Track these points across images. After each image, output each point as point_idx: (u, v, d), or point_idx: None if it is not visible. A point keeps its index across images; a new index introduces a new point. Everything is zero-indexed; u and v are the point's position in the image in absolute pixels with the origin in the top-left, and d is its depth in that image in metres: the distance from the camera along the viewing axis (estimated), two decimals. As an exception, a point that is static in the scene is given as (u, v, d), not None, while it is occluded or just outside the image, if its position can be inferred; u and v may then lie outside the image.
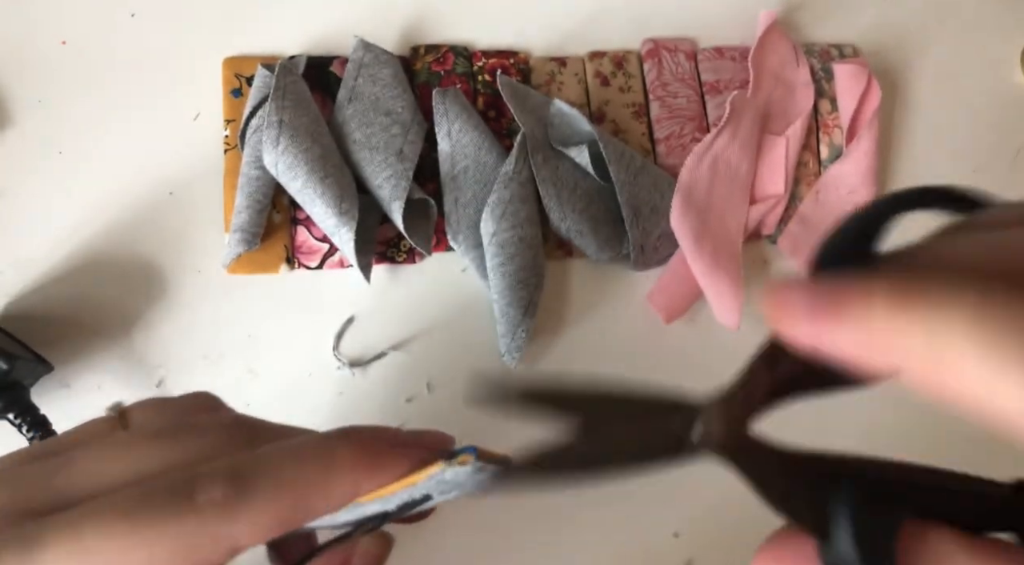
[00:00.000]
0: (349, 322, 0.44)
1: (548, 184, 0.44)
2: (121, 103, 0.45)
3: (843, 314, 0.13)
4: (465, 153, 0.44)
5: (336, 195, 0.40)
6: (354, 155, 0.43)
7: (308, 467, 0.20)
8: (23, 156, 0.43)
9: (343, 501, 0.21)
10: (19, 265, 0.42)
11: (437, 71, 0.47)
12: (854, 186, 0.49)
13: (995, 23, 0.56)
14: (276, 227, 0.44)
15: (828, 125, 0.50)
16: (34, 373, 0.39)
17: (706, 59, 0.50)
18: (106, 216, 0.43)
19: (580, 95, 0.48)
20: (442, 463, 0.19)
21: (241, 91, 0.45)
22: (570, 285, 0.46)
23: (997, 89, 0.55)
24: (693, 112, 0.49)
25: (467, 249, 0.44)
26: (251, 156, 0.42)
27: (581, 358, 0.45)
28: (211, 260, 0.43)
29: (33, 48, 0.45)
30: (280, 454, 0.21)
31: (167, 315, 0.43)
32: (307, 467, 0.20)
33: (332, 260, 0.44)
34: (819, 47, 0.52)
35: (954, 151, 0.53)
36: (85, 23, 0.45)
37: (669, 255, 0.47)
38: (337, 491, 0.20)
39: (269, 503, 0.20)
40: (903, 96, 0.54)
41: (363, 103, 0.44)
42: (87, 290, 0.42)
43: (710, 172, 0.46)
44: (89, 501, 0.19)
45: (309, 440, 0.22)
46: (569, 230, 0.44)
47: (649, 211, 0.45)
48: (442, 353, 0.44)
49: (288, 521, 0.20)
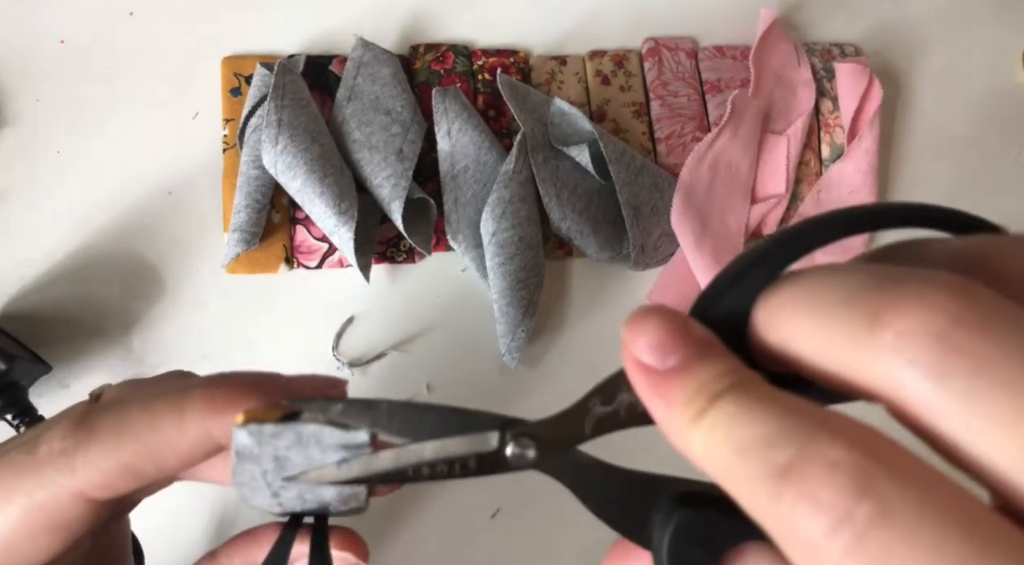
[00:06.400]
0: (349, 322, 0.44)
1: (548, 184, 0.44)
2: (120, 102, 0.44)
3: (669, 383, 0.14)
4: (465, 152, 0.44)
5: (335, 195, 0.40)
6: (353, 154, 0.43)
7: (156, 410, 0.20)
8: (21, 156, 0.43)
9: (194, 446, 0.20)
10: (17, 265, 0.42)
11: (437, 70, 0.47)
12: (855, 185, 0.49)
13: (996, 22, 0.56)
14: (275, 227, 0.43)
15: (829, 124, 0.50)
16: (32, 373, 0.39)
17: (707, 58, 0.50)
18: (105, 216, 0.43)
19: (580, 94, 0.48)
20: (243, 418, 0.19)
21: (240, 90, 0.45)
22: (570, 285, 0.46)
23: (998, 88, 0.55)
24: (694, 111, 0.49)
25: (467, 249, 0.44)
26: (250, 155, 0.42)
27: (581, 358, 0.45)
28: (210, 260, 0.43)
29: (31, 47, 0.44)
30: (133, 400, 0.20)
31: (166, 315, 0.42)
32: (155, 411, 0.20)
33: (331, 260, 0.44)
34: (820, 46, 0.52)
35: (955, 151, 0.53)
36: (84, 22, 0.45)
37: (669, 255, 0.46)
38: (187, 435, 0.19)
39: (108, 449, 0.19)
40: (904, 95, 0.54)
41: (362, 102, 0.44)
42: (86, 290, 0.42)
43: (711, 171, 0.46)
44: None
45: (170, 385, 0.21)
46: (569, 230, 0.44)
47: (649, 211, 0.45)
48: (442, 353, 0.44)
49: (132, 466, 0.19)
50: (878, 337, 0.12)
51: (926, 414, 0.12)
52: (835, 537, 0.11)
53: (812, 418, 0.12)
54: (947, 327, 0.12)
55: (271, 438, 0.19)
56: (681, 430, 0.14)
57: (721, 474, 0.13)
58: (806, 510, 0.11)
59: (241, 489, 0.21)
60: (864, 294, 0.13)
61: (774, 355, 0.15)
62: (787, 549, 0.12)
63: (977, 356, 0.11)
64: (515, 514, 0.43)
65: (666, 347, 0.14)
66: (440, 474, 0.18)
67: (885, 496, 0.11)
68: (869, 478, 0.11)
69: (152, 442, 0.19)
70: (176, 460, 0.20)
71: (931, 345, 0.12)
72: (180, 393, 0.20)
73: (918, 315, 0.12)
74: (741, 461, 0.12)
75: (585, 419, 0.17)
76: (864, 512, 0.11)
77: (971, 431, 0.11)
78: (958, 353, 0.11)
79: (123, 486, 0.20)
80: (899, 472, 0.11)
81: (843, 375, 0.13)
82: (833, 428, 0.12)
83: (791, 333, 0.14)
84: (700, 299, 0.16)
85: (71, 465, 0.19)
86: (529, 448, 0.18)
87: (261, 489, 0.21)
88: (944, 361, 0.12)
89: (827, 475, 0.11)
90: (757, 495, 0.12)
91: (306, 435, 0.19)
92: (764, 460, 0.12)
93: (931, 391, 0.12)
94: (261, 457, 0.20)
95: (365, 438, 0.19)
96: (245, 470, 0.20)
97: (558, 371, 0.45)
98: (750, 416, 0.13)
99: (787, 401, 0.13)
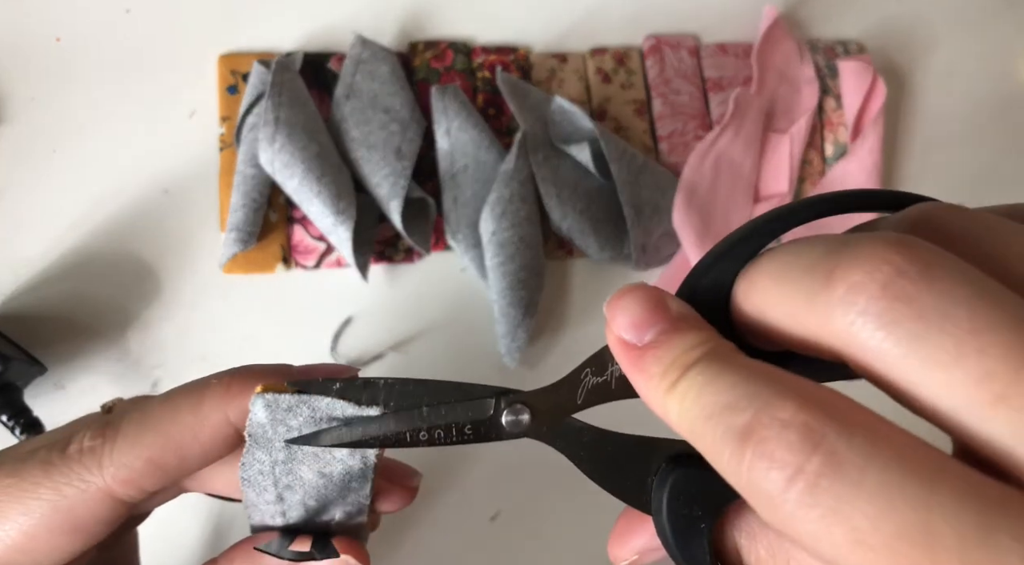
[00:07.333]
0: (347, 322, 0.43)
1: (548, 183, 0.43)
2: (116, 100, 0.44)
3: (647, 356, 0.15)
4: (464, 151, 0.44)
5: (333, 194, 0.40)
6: (352, 153, 0.42)
7: (176, 402, 0.20)
8: (16, 154, 0.43)
9: (214, 433, 0.20)
10: (13, 265, 0.41)
11: (436, 68, 0.46)
12: (859, 184, 0.48)
13: (1001, 20, 0.55)
14: (272, 226, 0.43)
15: (832, 122, 0.50)
16: (28, 374, 0.39)
17: (709, 56, 0.50)
18: (101, 215, 0.42)
19: (581, 92, 0.48)
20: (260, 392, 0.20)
21: (237, 88, 0.44)
22: (570, 285, 0.46)
23: (1002, 87, 0.54)
24: (696, 109, 0.48)
25: (466, 248, 0.43)
26: (247, 154, 0.41)
27: (581, 359, 0.44)
28: (207, 260, 0.43)
29: (27, 45, 0.44)
30: (154, 398, 0.21)
31: (163, 315, 0.42)
32: (175, 403, 0.20)
33: (329, 259, 0.43)
34: (823, 44, 0.51)
35: (959, 148, 0.53)
36: (79, 19, 0.45)
37: (671, 255, 0.46)
38: (207, 422, 0.20)
39: (133, 444, 0.20)
40: (908, 93, 0.53)
41: (361, 100, 0.43)
42: (81, 290, 0.42)
43: (713, 170, 0.46)
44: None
45: (187, 383, 0.22)
46: (570, 229, 0.44)
47: (651, 210, 0.45)
48: (441, 354, 0.44)
49: (156, 460, 0.20)
50: (832, 292, 0.13)
51: (880, 363, 0.13)
52: (790, 490, 0.12)
53: (769, 381, 0.13)
54: (892, 276, 0.12)
55: (286, 413, 0.19)
56: (659, 400, 0.15)
57: (694, 439, 0.14)
58: (763, 467, 0.12)
59: (247, 491, 0.21)
60: (822, 258, 0.14)
61: (753, 327, 0.15)
62: (753, 504, 0.13)
63: (920, 302, 0.12)
64: (515, 517, 0.42)
65: (644, 324, 0.15)
66: (437, 440, 0.19)
67: (833, 449, 0.12)
68: (818, 434, 0.12)
69: (174, 432, 0.20)
70: (198, 449, 0.20)
71: (878, 294, 0.12)
72: (198, 385, 0.21)
73: (866, 268, 0.13)
74: (708, 426, 0.13)
75: (578, 389, 0.18)
76: (814, 465, 0.12)
77: (918, 374, 0.12)
78: (902, 300, 0.12)
79: (148, 483, 0.20)
80: (848, 426, 0.12)
81: (807, 336, 0.14)
82: (787, 389, 0.13)
83: (763, 300, 0.15)
84: (688, 277, 0.17)
85: (99, 462, 0.20)
86: (523, 414, 0.19)
87: (268, 489, 0.21)
88: (890, 308, 0.12)
89: (780, 434, 0.12)
90: (723, 456, 0.13)
91: (320, 409, 0.19)
92: (726, 424, 0.13)
93: (882, 339, 0.12)
94: (273, 441, 0.20)
95: (377, 413, 0.19)
96: (255, 460, 0.20)
97: (558, 371, 0.44)
98: (716, 384, 0.14)
99: (750, 367, 0.14)
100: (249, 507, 0.21)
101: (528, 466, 0.42)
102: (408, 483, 0.24)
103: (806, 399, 0.12)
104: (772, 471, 0.12)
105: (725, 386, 0.13)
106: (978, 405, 0.12)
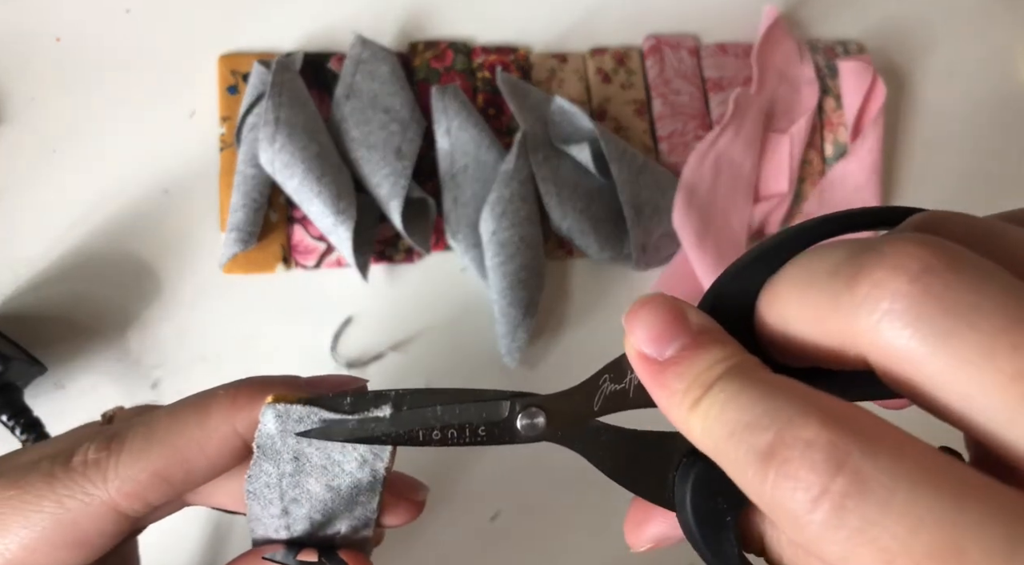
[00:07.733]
0: (347, 322, 0.43)
1: (548, 183, 0.43)
2: (116, 101, 0.44)
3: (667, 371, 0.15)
4: (464, 151, 0.44)
5: (333, 194, 0.40)
6: (352, 153, 0.42)
7: (182, 415, 0.20)
8: (16, 155, 0.43)
9: (221, 445, 0.20)
10: (13, 265, 0.41)
11: (436, 68, 0.46)
12: (859, 184, 0.48)
13: (1001, 20, 0.55)
14: (273, 226, 0.43)
15: (832, 123, 0.50)
16: (28, 374, 0.39)
17: (709, 56, 0.50)
18: (101, 215, 0.42)
19: (581, 92, 0.48)
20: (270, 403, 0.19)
21: (237, 88, 0.44)
22: (570, 285, 0.46)
23: (1003, 87, 0.54)
24: (696, 109, 0.48)
25: (466, 248, 0.43)
26: (247, 154, 0.41)
27: (582, 359, 0.44)
28: (207, 260, 0.43)
29: (27, 45, 0.44)
30: (160, 410, 0.21)
31: (163, 315, 0.42)
32: (181, 415, 0.20)
33: (329, 259, 0.43)
34: (823, 44, 0.51)
35: (959, 149, 0.53)
36: (79, 19, 0.45)
37: (671, 255, 0.46)
38: (213, 434, 0.20)
39: (138, 457, 0.19)
40: (908, 93, 0.53)
41: (361, 100, 0.43)
42: (82, 290, 0.42)
43: (713, 170, 0.46)
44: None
45: (193, 395, 0.21)
46: (570, 229, 0.44)
47: (651, 210, 0.45)
48: (441, 354, 0.44)
49: (162, 472, 0.19)
50: (856, 291, 0.13)
51: (907, 363, 0.12)
52: (815, 511, 0.12)
53: (792, 398, 0.13)
54: (918, 272, 0.12)
55: (296, 424, 0.19)
56: (682, 417, 0.15)
57: (717, 456, 0.14)
58: (788, 488, 0.12)
59: (252, 504, 0.20)
60: (846, 261, 0.13)
61: (778, 338, 0.15)
62: (778, 523, 0.13)
63: (948, 297, 0.12)
64: (515, 517, 0.42)
65: (664, 337, 0.15)
66: (451, 439, 0.19)
67: (858, 468, 0.11)
68: (842, 453, 0.12)
69: (180, 445, 0.19)
70: (205, 462, 0.20)
71: (904, 290, 0.12)
72: (204, 397, 0.20)
73: (891, 265, 0.13)
74: (730, 445, 0.13)
75: (595, 395, 0.18)
76: (839, 485, 0.11)
77: (946, 374, 0.12)
78: (929, 295, 0.12)
79: (153, 496, 0.20)
80: (873, 444, 0.12)
81: (832, 344, 0.14)
82: (810, 406, 0.12)
83: (787, 308, 0.15)
84: (711, 288, 0.16)
85: (104, 475, 0.19)
86: (539, 418, 0.19)
87: (273, 502, 0.20)
88: (917, 304, 0.12)
89: (804, 455, 0.12)
90: (746, 476, 0.13)
91: (331, 421, 0.19)
92: (748, 443, 0.13)
93: (908, 337, 0.12)
94: (281, 453, 0.20)
95: (389, 412, 0.20)
96: (262, 472, 0.20)
97: (558, 372, 0.44)
98: (738, 401, 0.13)
99: (773, 383, 0.13)
100: (253, 521, 0.21)
101: (528, 466, 0.42)
102: (415, 497, 0.23)
103: (830, 416, 0.12)
104: (797, 492, 0.12)
105: (747, 403, 0.13)
106: (1011, 406, 0.11)
